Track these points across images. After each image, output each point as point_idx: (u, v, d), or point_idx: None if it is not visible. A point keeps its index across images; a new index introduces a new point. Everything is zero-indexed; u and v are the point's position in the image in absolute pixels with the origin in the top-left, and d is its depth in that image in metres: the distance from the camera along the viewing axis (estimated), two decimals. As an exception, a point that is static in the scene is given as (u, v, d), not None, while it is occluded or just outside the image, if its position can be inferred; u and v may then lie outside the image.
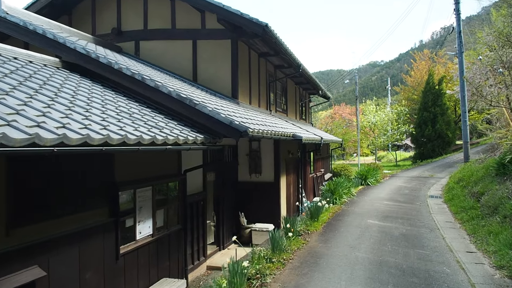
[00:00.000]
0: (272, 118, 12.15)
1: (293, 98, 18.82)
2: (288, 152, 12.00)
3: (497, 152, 14.07)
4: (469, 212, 9.90)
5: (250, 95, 12.24)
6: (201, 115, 6.62)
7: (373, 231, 9.32)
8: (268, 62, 14.21)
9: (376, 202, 13.58)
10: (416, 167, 29.14)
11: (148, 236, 6.51)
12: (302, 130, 13.10)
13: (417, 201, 13.90)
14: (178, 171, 7.56)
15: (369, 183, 19.11)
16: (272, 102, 14.71)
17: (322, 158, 19.65)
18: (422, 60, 44.30)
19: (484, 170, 12.36)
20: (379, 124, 35.53)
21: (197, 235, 8.43)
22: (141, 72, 7.45)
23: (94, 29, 12.39)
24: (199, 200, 8.54)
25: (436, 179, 20.57)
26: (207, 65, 11.28)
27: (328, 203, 11.41)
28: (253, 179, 10.94)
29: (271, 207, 10.77)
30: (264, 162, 10.91)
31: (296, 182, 13.49)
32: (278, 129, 9.09)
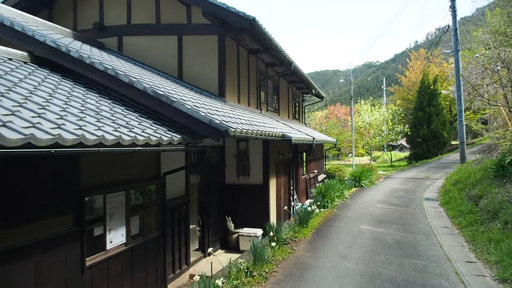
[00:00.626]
0: (262, 118, 11.63)
1: (285, 97, 18.32)
2: (279, 153, 11.49)
3: (494, 153, 13.63)
4: (467, 216, 9.39)
5: (239, 93, 11.72)
6: (179, 114, 6.10)
7: (366, 238, 8.77)
8: (259, 59, 13.70)
9: (370, 206, 13.08)
10: (411, 168, 28.69)
11: (121, 245, 5.97)
12: (294, 130, 12.60)
13: (413, 204, 13.43)
14: (157, 173, 7.03)
15: (363, 185, 18.58)
16: (263, 101, 14.20)
17: (315, 159, 19.17)
18: (418, 60, 43.96)
19: (482, 171, 11.88)
20: (374, 124, 35.12)
21: (178, 242, 7.90)
22: (117, 67, 6.92)
23: (75, 24, 11.84)
24: (181, 204, 8.01)
25: (431, 180, 20.09)
26: (193, 62, 10.76)
27: (319, 207, 10.84)
28: (241, 181, 10.42)
29: (259, 211, 10.26)
30: (253, 163, 10.40)
31: (288, 184, 12.99)
32: (266, 129, 8.58)
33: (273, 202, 10.81)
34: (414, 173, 24.34)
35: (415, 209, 12.41)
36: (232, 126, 6.16)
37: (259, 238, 9.64)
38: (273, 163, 10.89)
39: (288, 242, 8.13)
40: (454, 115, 39.92)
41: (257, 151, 10.39)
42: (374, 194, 16.06)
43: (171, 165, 7.16)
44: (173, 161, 7.52)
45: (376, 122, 34.91)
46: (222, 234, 10.21)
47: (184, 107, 6.05)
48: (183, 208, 8.12)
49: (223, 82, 10.48)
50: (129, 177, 6.20)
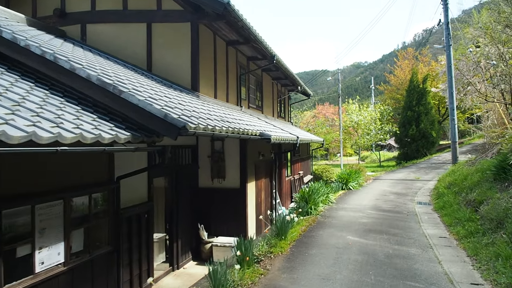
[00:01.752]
0: (241, 115, 10.62)
1: (269, 94, 17.34)
2: (259, 154, 10.49)
3: (489, 153, 12.84)
4: (466, 225, 8.42)
5: (216, 88, 10.70)
6: (129, 107, 5.05)
7: (353, 252, 7.66)
8: (239, 52, 12.70)
9: (358, 212, 12.05)
10: (400, 169, 27.87)
11: (57, 266, 4.91)
12: (276, 129, 11.62)
13: (404, 209, 12.48)
14: (109, 178, 5.99)
15: (350, 187, 17.60)
16: (243, 97, 13.19)
17: (301, 159, 18.21)
18: (406, 59, 43.38)
19: (479, 174, 10.97)
20: (362, 123, 34.39)
21: (138, 256, 6.85)
22: (65, 54, 5.84)
23: (34, 11, 10.70)
24: (142, 212, 6.96)
25: (422, 182, 19.25)
26: (163, 53, 9.71)
27: (302, 214, 9.81)
28: (216, 184, 9.40)
29: (236, 218, 9.25)
30: (229, 165, 9.38)
31: (270, 186, 12.00)
32: (241, 126, 7.57)
33: (252, 207, 9.81)
34: (404, 174, 23.50)
35: (407, 215, 11.47)
36: (193, 121, 5.14)
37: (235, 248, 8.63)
38: (252, 165, 9.89)
39: (262, 259, 6.97)
40: (442, 114, 39.49)
41: (234, 152, 9.38)
42: (362, 197, 15.09)
43: (131, 167, 6.12)
44: (133, 162, 6.49)
45: (364, 122, 34.16)
46: (194, 244, 9.18)
47: (134, 99, 5.01)
48: (145, 216, 7.06)
49: (196, 75, 9.46)
50: (69, 184, 5.14)
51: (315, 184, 13.13)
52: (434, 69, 36.83)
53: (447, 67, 18.00)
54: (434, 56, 41.15)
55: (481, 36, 19.06)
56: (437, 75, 34.42)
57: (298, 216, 9.32)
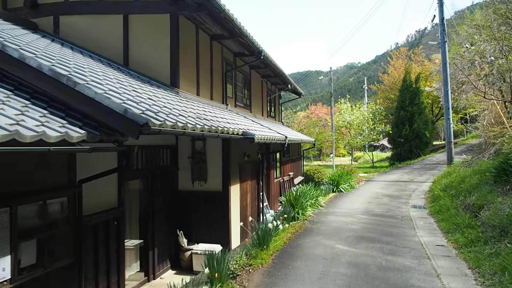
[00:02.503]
0: (225, 113, 10.01)
1: (259, 92, 16.73)
2: (244, 154, 9.88)
3: (486, 154, 12.33)
4: (465, 232, 7.75)
5: (198, 85, 10.06)
6: (84, 100, 4.42)
7: (342, 264, 6.83)
8: (225, 47, 12.08)
9: (349, 216, 11.30)
10: (394, 170, 27.28)
11: (3, 284, 4.27)
12: (263, 128, 11.02)
13: (398, 213, 11.74)
14: (69, 181, 5.35)
15: (342, 189, 16.89)
16: (230, 95, 12.58)
17: (291, 160, 17.63)
18: (399, 59, 42.98)
19: (478, 176, 10.38)
20: (354, 123, 33.91)
21: (106, 267, 6.20)
22: (17, 43, 5.19)
23: (5, 2, 10.01)
24: (110, 219, 6.32)
25: (417, 183, 18.65)
26: (141, 46, 9.08)
27: (287, 221, 9.10)
28: (197, 187, 8.77)
29: (218, 223, 8.63)
30: (211, 166, 8.75)
31: (256, 189, 11.39)
32: (220, 124, 6.95)
33: (235, 211, 9.20)
34: (398, 176, 22.91)
35: (402, 220, 10.73)
36: (159, 118, 4.52)
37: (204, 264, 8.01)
38: (236, 166, 9.28)
39: (239, 273, 6.16)
40: (436, 114, 39.16)
41: (216, 152, 8.76)
42: (354, 200, 14.41)
43: (98, 170, 5.47)
44: (100, 164, 5.84)
45: (356, 121, 33.68)
46: (173, 252, 8.55)
47: (90, 91, 4.37)
48: (114, 223, 6.42)
49: (176, 70, 8.82)
50: (17, 189, 4.50)
51: (303, 187, 12.46)
52: (427, 69, 36.47)
53: (442, 64, 17.48)
54: (427, 57, 40.82)
55: (476, 34, 18.66)
56: (430, 74, 34.04)
57: (283, 223, 8.67)
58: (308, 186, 12.70)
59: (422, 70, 36.75)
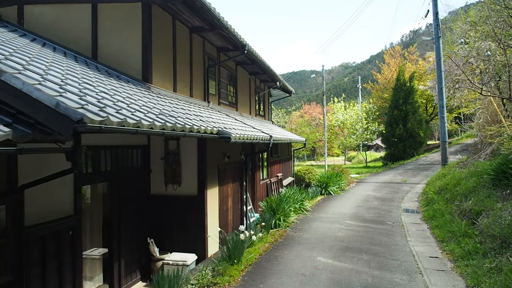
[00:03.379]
0: (203, 111, 9.31)
1: (246, 90, 16.04)
2: (224, 155, 9.19)
3: (482, 154, 11.72)
4: (462, 242, 6.90)
5: (175, 80, 9.35)
6: (10, 92, 3.70)
7: (322, 282, 6.00)
8: (207, 42, 11.38)
9: (335, 222, 10.51)
10: (387, 170, 26.60)
11: None
12: (246, 127, 10.33)
13: (389, 218, 11.00)
14: (8, 187, 4.63)
15: (331, 192, 16.08)
16: (213, 92, 11.88)
17: (280, 161, 16.96)
18: (394, 57, 42.45)
19: (474, 178, 9.65)
20: (348, 123, 33.31)
21: (58, 282, 5.49)
22: None
23: (-35, -10, 9.24)
24: (64, 229, 5.60)
25: (410, 185, 17.98)
26: (111, 38, 8.36)
27: (266, 229, 8.34)
28: (170, 191, 8.06)
29: (194, 230, 7.93)
30: (185, 168, 8.05)
31: (239, 192, 10.71)
32: (191, 122, 6.24)
33: (213, 217, 8.50)
34: (390, 176, 22.22)
35: (392, 226, 9.97)
36: (101, 114, 3.81)
37: (190, 266, 7.33)
38: (214, 168, 8.58)
39: None
40: (430, 114, 38.69)
41: (192, 153, 8.06)
42: (342, 204, 13.60)
43: (46, 171, 4.75)
44: (51, 167, 5.11)
45: (350, 121, 33.07)
46: (144, 261, 7.84)
47: (18, 82, 3.66)
48: (69, 233, 5.71)
49: (148, 64, 8.12)
50: None
51: (288, 190, 11.72)
52: (421, 68, 35.96)
53: (436, 60, 16.84)
54: (421, 57, 40.33)
55: (471, 30, 18.10)
56: (424, 73, 33.52)
57: (262, 231, 7.95)
58: (293, 189, 11.98)
59: (416, 69, 36.24)
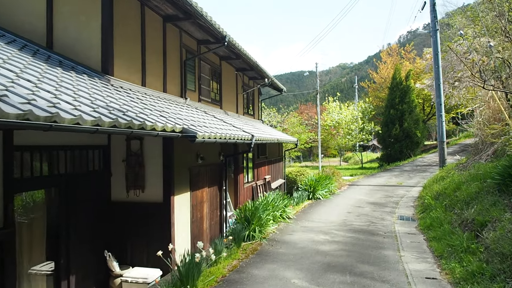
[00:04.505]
0: (174, 107, 8.38)
1: (232, 87, 15.12)
2: (197, 156, 8.27)
3: (483, 155, 10.84)
4: (464, 259, 5.89)
5: (144, 73, 8.43)
6: None
7: None
8: (185, 33, 10.45)
9: (320, 233, 9.39)
10: (382, 172, 25.63)
11: None
12: (224, 125, 9.42)
13: (381, 227, 9.92)
14: None
15: (319, 196, 14.95)
16: (192, 87, 10.97)
17: (269, 162, 16.04)
18: (390, 56, 41.62)
19: (477, 182, 8.65)
20: (343, 123, 32.43)
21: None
22: None
23: None
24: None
25: (406, 188, 16.97)
26: (68, 25, 7.43)
27: (235, 243, 7.29)
28: (132, 198, 7.13)
29: (158, 242, 6.99)
30: (150, 171, 7.13)
31: (218, 197, 9.79)
32: (138, 118, 5.31)
33: (183, 226, 7.57)
34: (385, 179, 21.23)
35: (384, 237, 8.91)
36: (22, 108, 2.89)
37: (153, 283, 6.42)
38: (184, 171, 7.66)
39: None
40: (427, 114, 37.89)
41: (157, 154, 7.13)
42: (331, 210, 12.49)
43: None
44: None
45: (345, 121, 32.19)
46: (102, 277, 6.90)
47: None
48: (-5, 250, 4.77)
49: (108, 55, 7.20)
50: None
51: (267, 196, 10.69)
52: (418, 66, 35.14)
53: (433, 55, 15.96)
54: (418, 55, 39.54)
55: (471, 25, 17.25)
56: (422, 72, 32.68)
57: (231, 246, 6.97)
58: (274, 195, 10.99)
59: (413, 67, 35.42)
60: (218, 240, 7.09)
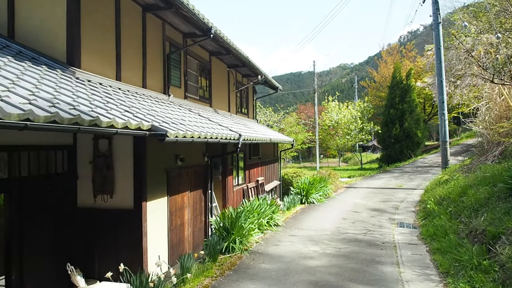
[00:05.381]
0: (150, 103, 7.65)
1: (223, 84, 14.40)
2: (176, 158, 7.53)
3: (490, 156, 10.10)
4: (475, 279, 5.04)
5: (119, 66, 7.69)
6: None
7: None
8: (168, 24, 9.73)
9: (310, 243, 8.39)
10: (381, 173, 24.73)
11: None
12: (208, 124, 8.69)
13: (379, 236, 8.95)
14: None
15: (313, 200, 13.91)
16: (177, 83, 10.25)
17: (263, 163, 15.30)
18: (391, 55, 40.87)
19: (486, 186, 7.74)
20: (342, 122, 31.67)
21: None
22: None
23: None
24: None
25: (406, 191, 16.13)
26: (31, 12, 6.72)
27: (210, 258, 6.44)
28: (100, 204, 6.39)
29: (129, 254, 6.26)
30: (120, 175, 6.40)
31: (203, 201, 9.06)
32: (92, 113, 4.58)
33: (159, 235, 6.84)
34: (384, 181, 20.32)
35: (382, 249, 7.91)
36: None
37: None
38: (160, 173, 6.93)
39: None
40: (428, 113, 37.14)
41: (128, 155, 6.40)
42: (324, 216, 11.49)
43: None
44: None
45: (344, 120, 31.43)
46: (66, 293, 6.17)
47: None
48: None
49: (74, 45, 6.47)
50: None
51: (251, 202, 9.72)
52: (419, 65, 34.39)
53: (435, 49, 15.15)
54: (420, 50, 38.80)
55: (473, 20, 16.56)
56: (422, 70, 31.93)
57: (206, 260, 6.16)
58: (260, 200, 10.12)
59: (414, 66, 34.65)
60: (186, 256, 6.26)
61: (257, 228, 8.49)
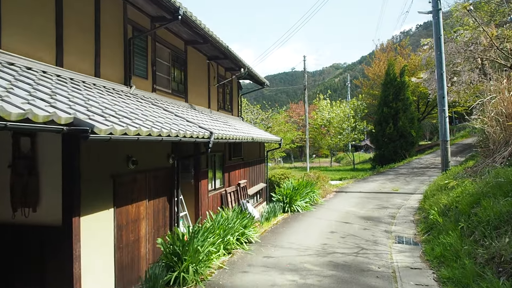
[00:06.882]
0: (92, 94, 6.30)
1: (203, 78, 13.08)
2: (128, 160, 6.19)
3: (497, 157, 8.91)
4: None
5: (60, 50, 6.33)
6: None
7: None
8: (131, 5, 8.39)
9: (287, 270, 6.81)
10: (375, 175, 23.36)
11: None
12: (175, 120, 7.36)
13: (372, 258, 7.45)
14: None
15: (297, 208, 12.32)
16: (142, 74, 8.93)
17: (246, 164, 13.98)
18: (384, 52, 39.79)
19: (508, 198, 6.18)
20: (334, 121, 30.47)
21: None
22: None
23: None
24: None
25: (403, 196, 14.82)
26: None
27: None
28: (20, 219, 5.04)
29: (57, 283, 4.92)
30: (46, 182, 5.05)
31: (167, 211, 7.72)
32: None
33: (102, 256, 5.50)
34: (378, 184, 18.99)
35: (377, 276, 6.40)
36: None
37: None
38: (103, 180, 5.59)
39: None
40: (422, 112, 36.13)
41: (57, 157, 5.05)
42: (309, 229, 10.10)
43: None
44: None
45: (336, 119, 30.23)
46: (-27, 334, 4.82)
47: None
48: None
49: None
50: None
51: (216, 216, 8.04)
52: (413, 62, 33.31)
53: (434, 39, 13.89)
54: (414, 48, 37.80)
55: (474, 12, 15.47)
56: (416, 68, 30.84)
57: None
58: (231, 212, 8.65)
59: (408, 63, 33.57)
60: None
61: (222, 249, 7.01)
